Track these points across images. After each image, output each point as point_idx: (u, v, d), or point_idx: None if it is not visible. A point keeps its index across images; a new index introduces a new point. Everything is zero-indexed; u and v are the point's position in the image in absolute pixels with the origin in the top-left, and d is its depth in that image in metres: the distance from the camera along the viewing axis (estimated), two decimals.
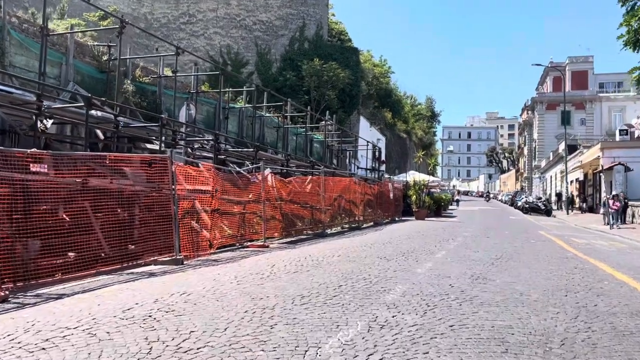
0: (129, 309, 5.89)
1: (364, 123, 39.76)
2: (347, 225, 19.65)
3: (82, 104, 9.33)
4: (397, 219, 26.65)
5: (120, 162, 8.76)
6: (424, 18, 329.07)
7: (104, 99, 10.34)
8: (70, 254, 8.40)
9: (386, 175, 36.81)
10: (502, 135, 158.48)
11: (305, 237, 15.76)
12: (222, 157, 16.39)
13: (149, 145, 13.89)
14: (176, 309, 5.93)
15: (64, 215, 7.86)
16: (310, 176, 18.42)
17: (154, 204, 9.71)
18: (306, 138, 25.69)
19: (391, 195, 25.67)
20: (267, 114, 22.05)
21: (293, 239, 14.95)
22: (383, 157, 46.91)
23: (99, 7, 30.52)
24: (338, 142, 29.83)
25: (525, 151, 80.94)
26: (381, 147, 45.26)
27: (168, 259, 9.59)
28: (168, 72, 16.75)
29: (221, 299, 6.48)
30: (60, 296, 6.69)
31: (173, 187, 9.68)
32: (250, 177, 12.93)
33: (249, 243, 12.82)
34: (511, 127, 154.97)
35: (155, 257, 9.53)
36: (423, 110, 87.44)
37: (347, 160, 31.06)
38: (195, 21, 35.66)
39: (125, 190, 8.94)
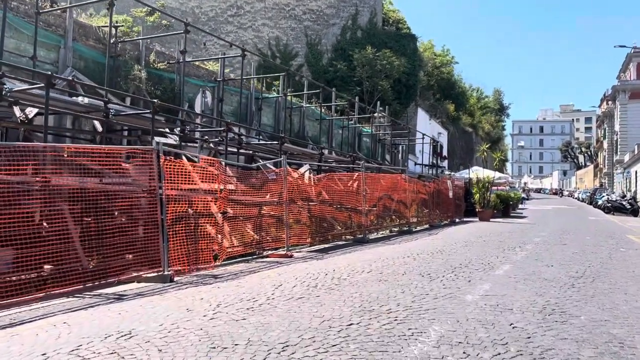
0: None
1: (422, 115, 36.92)
2: (396, 229, 17.31)
3: (42, 84, 7.74)
4: (457, 220, 23.89)
5: (86, 155, 7.02)
6: (490, 6, 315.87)
7: (70, 78, 8.79)
8: (47, 266, 6.81)
9: (446, 172, 33.89)
10: (577, 129, 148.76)
11: (343, 243, 13.63)
12: (250, 152, 14.58)
13: (162, 140, 12.25)
14: None
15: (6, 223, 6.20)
16: (357, 173, 16.25)
17: (140, 207, 7.94)
18: (354, 131, 23.49)
19: (450, 193, 22.95)
20: (308, 105, 19.99)
21: (327, 245, 12.86)
22: (445, 153, 43.82)
23: (145, 3, 29.70)
24: (391, 136, 27.37)
25: (605, 145, 74.32)
26: (442, 141, 42.24)
27: (154, 275, 7.80)
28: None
29: (168, 347, 4.52)
30: None
31: (160, 185, 7.87)
32: (268, 173, 10.96)
33: (270, 252, 10.88)
34: (588, 119, 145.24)
35: (140, 273, 7.77)
36: (490, 103, 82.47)
37: (400, 156, 28.53)
38: (243, 13, 34.26)
39: (96, 190, 7.20)
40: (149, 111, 9.48)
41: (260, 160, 14.84)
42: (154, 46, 14.19)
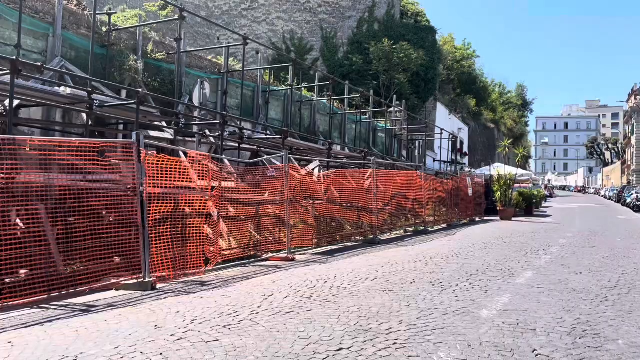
0: None
1: (441, 110, 35.72)
2: (411, 229, 16.36)
3: (7, 71, 7.05)
4: (477, 219, 22.81)
5: (55, 149, 6.29)
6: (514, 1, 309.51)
7: (39, 64, 8.08)
8: (22, 270, 6.15)
9: (466, 169, 32.67)
10: (604, 125, 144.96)
11: (352, 244, 12.77)
12: (255, 147, 13.81)
13: (158, 134, 11.54)
14: None
15: None
16: (369, 170, 15.40)
17: (118, 207, 7.21)
18: (368, 126, 22.55)
19: (470, 191, 21.87)
20: (319, 99, 19.05)
21: (334, 247, 12.02)
22: (465, 149, 42.56)
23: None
24: (408, 132, 26.32)
25: (634, 141, 71.83)
26: (463, 137, 40.97)
27: (134, 282, 7.06)
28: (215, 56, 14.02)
29: None
30: None
31: (141, 182, 7.12)
32: (267, 170, 10.13)
33: (271, 255, 10.08)
34: (615, 115, 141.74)
35: (119, 280, 7.05)
36: (513, 99, 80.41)
37: (417, 151, 27.45)
38: (257, 6, 33.51)
39: (66, 188, 6.48)
40: (133, 102, 8.74)
41: (266, 156, 14.04)
42: (152, 36, 13.40)
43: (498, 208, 24.14)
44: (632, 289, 7.58)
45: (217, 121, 11.18)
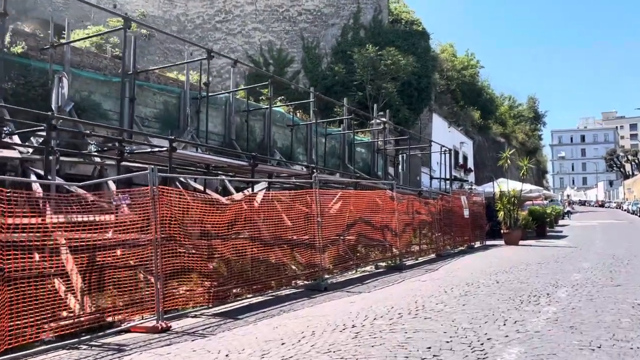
0: None
1: (438, 122, 32.39)
2: (383, 264, 13.01)
3: None
4: (476, 245, 19.32)
5: None
6: (520, 10, 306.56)
7: None
8: None
9: (467, 186, 29.20)
10: (622, 137, 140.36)
11: (291, 292, 9.51)
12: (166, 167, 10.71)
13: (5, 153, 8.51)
14: None
15: None
16: (314, 190, 12.29)
17: None
18: (342, 139, 19.37)
19: (465, 212, 18.44)
20: (267, 106, 15.85)
21: (260, 298, 8.76)
22: (470, 164, 39.10)
23: (117, 14, 26.88)
24: (395, 145, 23.10)
25: None
26: (467, 151, 37.53)
27: None
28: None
29: None
30: None
31: None
32: (116, 198, 6.93)
33: (134, 323, 6.85)
34: (633, 126, 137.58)
35: None
36: (525, 112, 76.62)
37: (402, 168, 24.11)
38: (232, 18, 30.84)
39: None
40: None
41: (188, 180, 10.90)
42: (16, 26, 10.40)
43: (502, 231, 20.65)
44: None
45: (41, 125, 8.05)
